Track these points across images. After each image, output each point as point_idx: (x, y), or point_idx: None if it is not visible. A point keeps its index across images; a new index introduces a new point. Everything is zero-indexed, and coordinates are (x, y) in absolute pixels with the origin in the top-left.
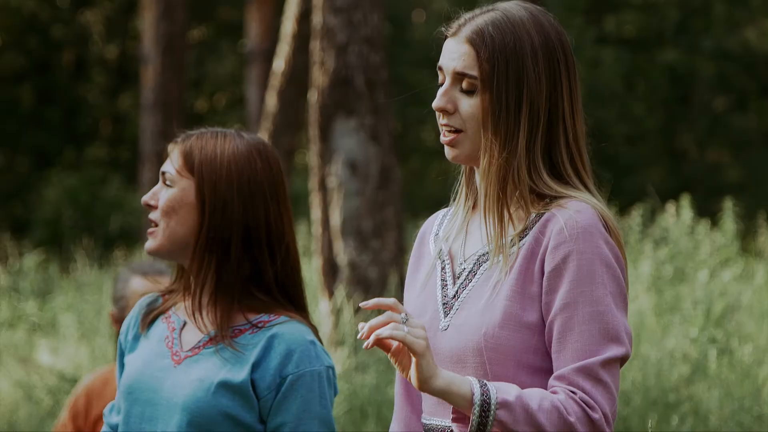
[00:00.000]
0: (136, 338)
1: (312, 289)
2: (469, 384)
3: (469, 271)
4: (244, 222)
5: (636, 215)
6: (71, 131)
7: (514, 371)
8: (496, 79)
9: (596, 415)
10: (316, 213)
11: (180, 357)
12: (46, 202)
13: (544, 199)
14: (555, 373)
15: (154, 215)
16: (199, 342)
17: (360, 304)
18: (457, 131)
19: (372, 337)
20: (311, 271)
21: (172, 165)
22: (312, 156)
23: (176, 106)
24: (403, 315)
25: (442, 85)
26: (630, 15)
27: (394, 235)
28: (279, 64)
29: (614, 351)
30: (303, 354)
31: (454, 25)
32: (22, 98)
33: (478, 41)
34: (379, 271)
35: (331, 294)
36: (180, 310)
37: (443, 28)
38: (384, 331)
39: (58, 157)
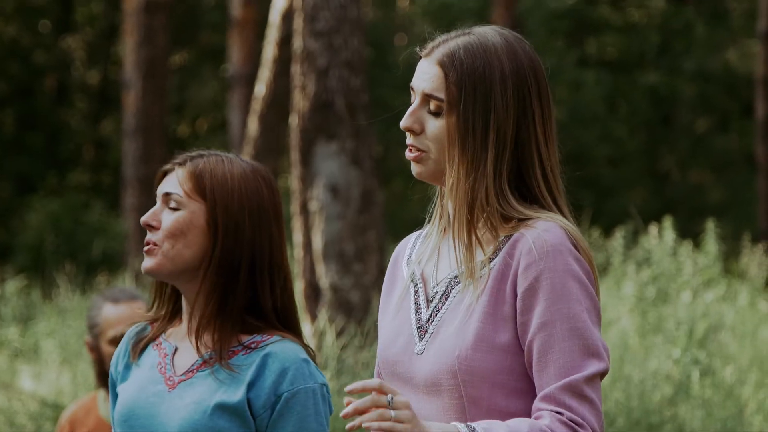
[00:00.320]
0: (128, 367)
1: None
2: (455, 429)
3: (442, 294)
4: (251, 247)
5: (618, 237)
6: (53, 156)
7: (489, 393)
8: (463, 103)
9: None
10: (297, 236)
11: (174, 381)
12: (28, 228)
13: (511, 221)
14: (540, 393)
15: (154, 236)
16: (192, 366)
17: (346, 389)
18: (421, 151)
19: (357, 421)
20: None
21: (179, 186)
22: (293, 180)
23: (158, 130)
24: (389, 397)
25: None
26: (611, 37)
27: (376, 258)
28: (260, 88)
29: (596, 366)
30: (297, 372)
31: (429, 46)
32: (4, 123)
33: (448, 64)
34: (362, 295)
35: (313, 317)
36: (171, 337)
37: (418, 49)
38: (371, 422)
39: (40, 182)
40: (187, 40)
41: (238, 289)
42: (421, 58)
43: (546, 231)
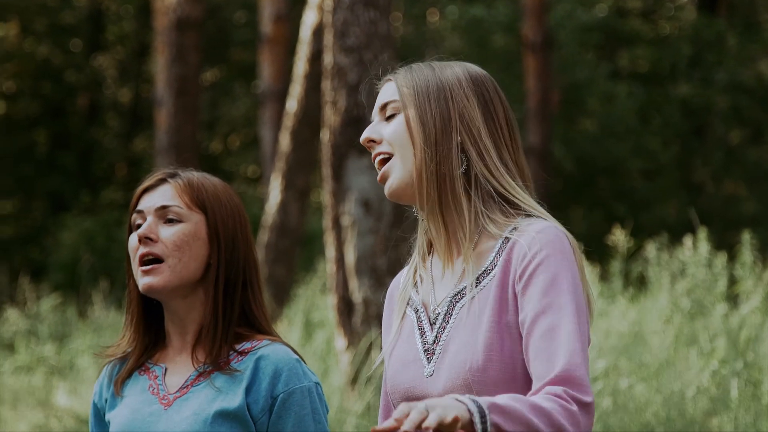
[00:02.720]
0: (114, 395)
1: (330, 326)
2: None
3: (445, 314)
4: (244, 260)
5: (653, 249)
6: (86, 175)
7: None
8: (416, 94)
9: (585, 399)
10: (330, 251)
11: (169, 400)
12: (62, 246)
13: (508, 211)
14: (534, 383)
15: (156, 248)
16: (186, 381)
17: (372, 430)
18: (385, 159)
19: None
20: (327, 309)
21: (177, 199)
22: (325, 195)
23: (191, 148)
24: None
25: None
26: (643, 50)
27: None
28: (292, 104)
29: (580, 354)
30: (291, 372)
31: (389, 75)
32: (37, 143)
33: (399, 74)
34: None
35: (346, 331)
36: (159, 360)
37: (380, 85)
38: (408, 425)
39: (73, 201)
40: (218, 58)
41: (236, 301)
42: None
43: (540, 232)
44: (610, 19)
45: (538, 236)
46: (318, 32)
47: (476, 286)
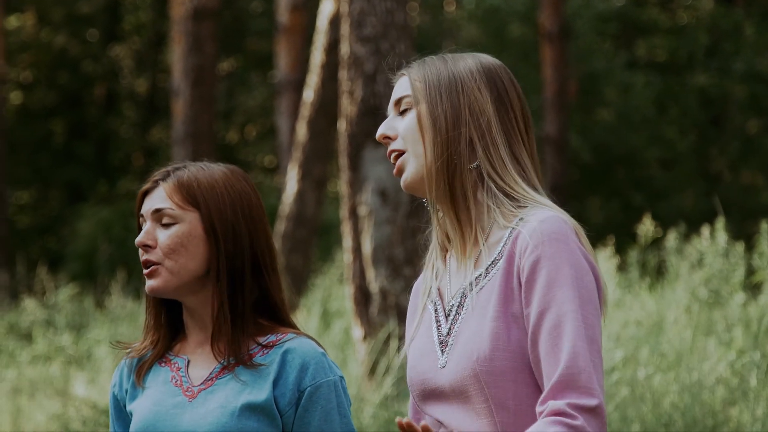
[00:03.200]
0: (135, 387)
1: (348, 316)
2: None
3: (458, 306)
4: (251, 247)
5: (671, 239)
6: (103, 165)
7: (514, 392)
8: (428, 89)
9: (590, 403)
10: (347, 241)
11: (193, 392)
12: (79, 236)
13: (515, 202)
14: (544, 390)
15: (153, 255)
16: (211, 374)
17: (396, 419)
18: (399, 154)
19: None
20: (344, 299)
21: (168, 200)
22: (342, 185)
23: (207, 138)
24: None
25: None
26: (660, 39)
27: None
28: (309, 94)
29: (585, 351)
30: (317, 366)
31: (404, 69)
32: (54, 133)
33: (412, 68)
34: None
35: (363, 321)
36: (180, 351)
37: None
38: None
39: (90, 190)
40: (234, 47)
41: (246, 291)
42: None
43: (542, 222)
44: (627, 8)
45: (540, 226)
46: (335, 22)
47: (485, 277)
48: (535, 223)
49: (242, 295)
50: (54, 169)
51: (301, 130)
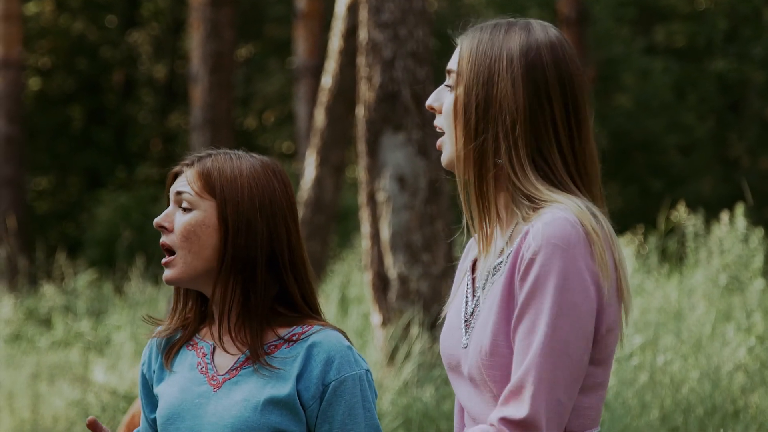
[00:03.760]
0: (163, 369)
1: (367, 302)
2: None
3: (482, 287)
4: (269, 242)
5: (689, 225)
6: (122, 151)
7: None
8: (469, 73)
9: (516, 416)
10: (365, 227)
11: (218, 381)
12: (98, 222)
13: (534, 201)
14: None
15: (169, 239)
16: (236, 363)
17: None
18: (441, 132)
19: None
20: (362, 285)
21: (189, 186)
22: (360, 171)
23: (225, 124)
24: None
25: None
26: (679, 25)
27: (444, 248)
28: (327, 80)
29: (538, 363)
30: (343, 360)
31: (465, 30)
32: (73, 119)
33: (467, 42)
34: (430, 285)
35: (381, 307)
36: (207, 336)
37: (460, 30)
38: None
39: (109, 177)
40: (252, 34)
41: (259, 285)
42: None
43: (547, 224)
44: None
45: (543, 229)
46: (353, 8)
47: (501, 266)
48: (539, 225)
49: (255, 290)
50: (72, 155)
51: (320, 116)
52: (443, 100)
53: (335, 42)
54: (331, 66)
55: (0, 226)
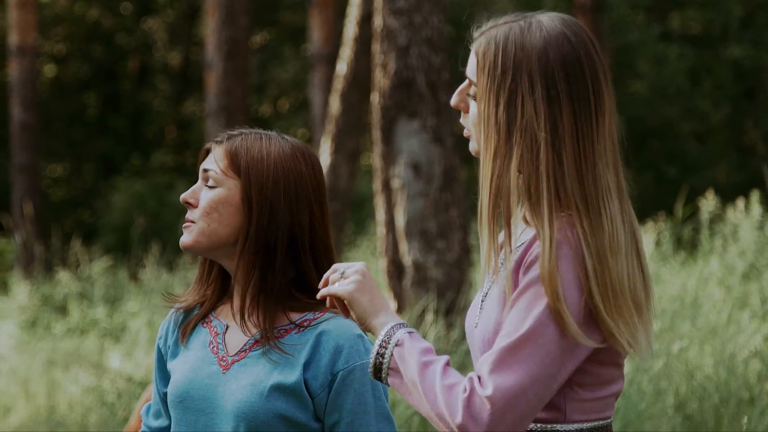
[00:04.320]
0: (177, 343)
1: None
2: (385, 325)
3: (499, 269)
4: (289, 225)
5: (704, 212)
6: (137, 138)
7: None
8: (488, 95)
9: (482, 393)
10: (380, 214)
11: (227, 362)
12: (113, 209)
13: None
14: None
15: (192, 214)
16: (245, 345)
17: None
18: (468, 132)
19: (320, 294)
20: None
21: (216, 164)
22: (375, 158)
23: (240, 111)
24: (340, 269)
25: None
26: (694, 11)
27: (458, 235)
28: (342, 67)
29: (507, 352)
30: (352, 349)
31: (480, 30)
32: (88, 106)
33: (482, 53)
34: (444, 272)
35: (396, 294)
36: (221, 314)
37: (474, 30)
38: (323, 291)
39: (124, 163)
40: (268, 20)
41: (276, 267)
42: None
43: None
44: None
45: (537, 249)
46: None
47: (506, 260)
48: (537, 243)
49: (272, 272)
50: (87, 142)
51: (334, 104)
52: (467, 102)
53: (350, 29)
54: (346, 53)
55: (16, 213)
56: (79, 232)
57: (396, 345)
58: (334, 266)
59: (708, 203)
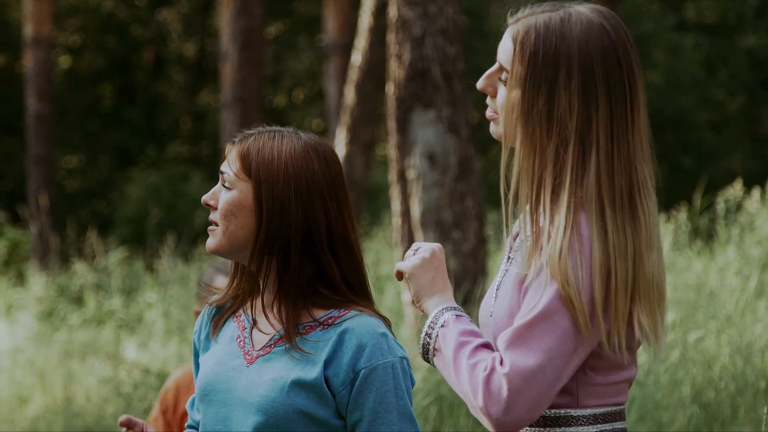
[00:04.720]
0: (209, 338)
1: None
2: (436, 307)
3: (513, 258)
4: (303, 224)
5: (721, 201)
6: (152, 129)
7: None
8: (528, 85)
9: (500, 371)
10: (396, 205)
11: (252, 356)
12: (128, 200)
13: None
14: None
15: (214, 216)
16: (270, 340)
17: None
18: (494, 112)
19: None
20: (393, 263)
21: (230, 167)
22: (391, 148)
23: (255, 102)
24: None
25: None
26: (709, 1)
27: (474, 226)
28: (356, 57)
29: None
30: (374, 347)
31: (515, 17)
32: (103, 97)
33: (520, 41)
34: (460, 262)
35: None
36: (250, 310)
37: (509, 15)
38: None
39: (139, 155)
40: (282, 11)
41: (292, 266)
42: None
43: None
44: None
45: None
46: None
47: (519, 247)
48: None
49: (288, 271)
50: (103, 133)
51: (349, 94)
52: (497, 87)
53: (365, 19)
54: (361, 43)
55: (31, 205)
56: (94, 224)
57: (441, 326)
58: (415, 244)
59: (734, 191)
